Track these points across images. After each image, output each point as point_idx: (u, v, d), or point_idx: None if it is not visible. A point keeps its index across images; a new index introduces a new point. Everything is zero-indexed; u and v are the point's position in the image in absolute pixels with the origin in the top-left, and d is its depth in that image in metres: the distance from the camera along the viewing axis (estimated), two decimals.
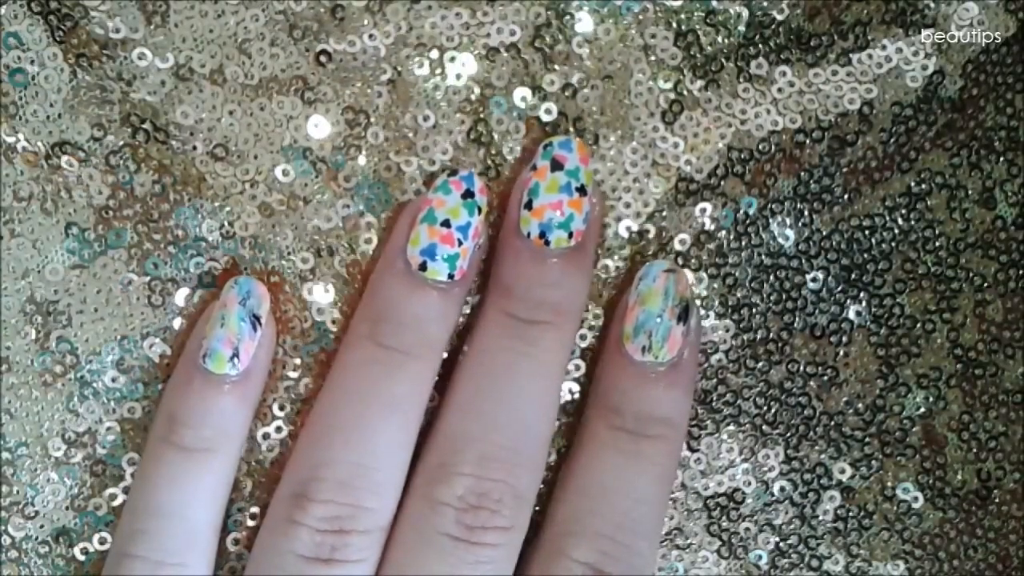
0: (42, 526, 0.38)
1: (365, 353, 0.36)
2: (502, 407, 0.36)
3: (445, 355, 0.38)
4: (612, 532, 0.36)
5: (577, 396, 0.39)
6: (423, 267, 0.36)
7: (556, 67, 0.38)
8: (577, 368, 0.39)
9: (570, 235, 0.36)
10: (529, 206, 0.36)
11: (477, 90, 0.38)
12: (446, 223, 0.36)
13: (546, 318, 0.36)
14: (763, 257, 0.39)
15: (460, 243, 0.36)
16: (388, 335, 0.36)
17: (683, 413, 0.37)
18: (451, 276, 0.36)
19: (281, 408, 0.38)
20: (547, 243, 0.36)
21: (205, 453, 0.36)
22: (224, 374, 0.36)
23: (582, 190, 0.36)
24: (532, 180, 0.36)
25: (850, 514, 0.39)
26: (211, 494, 0.36)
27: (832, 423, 0.39)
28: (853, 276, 0.39)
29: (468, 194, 0.36)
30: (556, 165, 0.36)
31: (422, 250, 0.36)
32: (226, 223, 0.38)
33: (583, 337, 0.39)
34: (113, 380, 0.38)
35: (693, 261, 0.39)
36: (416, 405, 0.36)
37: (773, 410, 0.39)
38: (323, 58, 0.38)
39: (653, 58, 0.38)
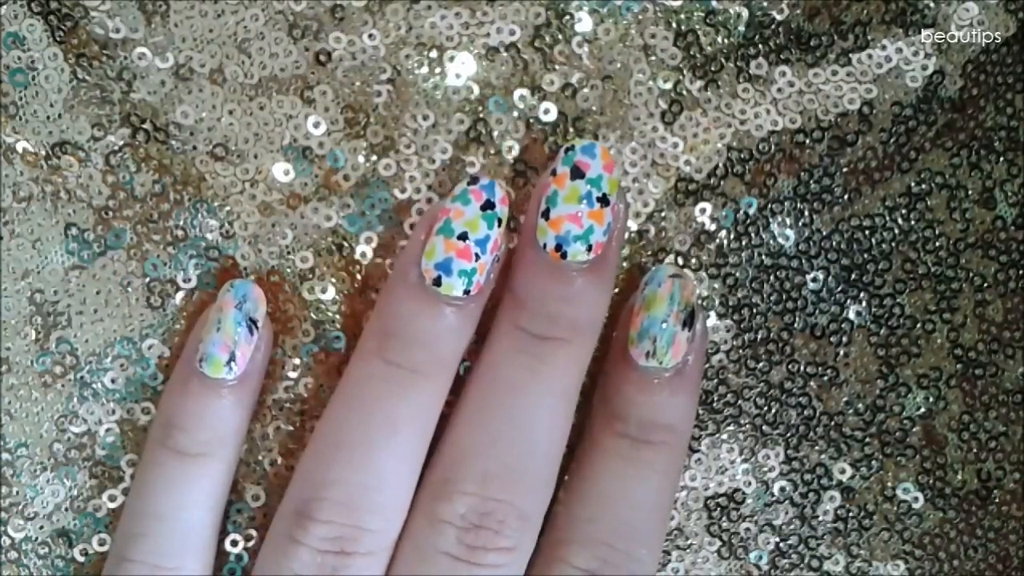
0: (42, 527, 0.38)
1: (373, 369, 0.35)
2: (508, 424, 0.35)
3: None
4: (612, 539, 0.35)
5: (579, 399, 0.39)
6: (437, 282, 0.34)
7: (556, 67, 0.38)
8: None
9: (589, 248, 0.34)
10: (546, 215, 0.34)
11: (476, 90, 0.38)
12: (463, 236, 0.34)
13: (560, 334, 0.35)
14: (763, 257, 0.39)
15: (477, 257, 0.34)
16: (397, 352, 0.35)
17: (687, 420, 0.37)
18: (467, 292, 0.34)
19: (280, 409, 0.38)
20: (564, 256, 0.34)
21: (202, 457, 0.36)
22: (221, 378, 0.35)
23: (604, 200, 0.34)
24: (551, 187, 0.35)
25: (850, 514, 0.39)
26: (208, 498, 0.36)
27: (832, 423, 0.39)
28: (853, 276, 0.39)
29: (488, 205, 0.35)
30: (577, 172, 0.34)
31: (437, 264, 0.34)
32: (226, 223, 0.38)
33: None
34: (113, 381, 0.38)
35: (693, 261, 0.39)
36: (424, 424, 0.35)
37: (773, 410, 0.39)
38: (323, 58, 0.38)
39: (653, 58, 0.38)
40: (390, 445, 0.35)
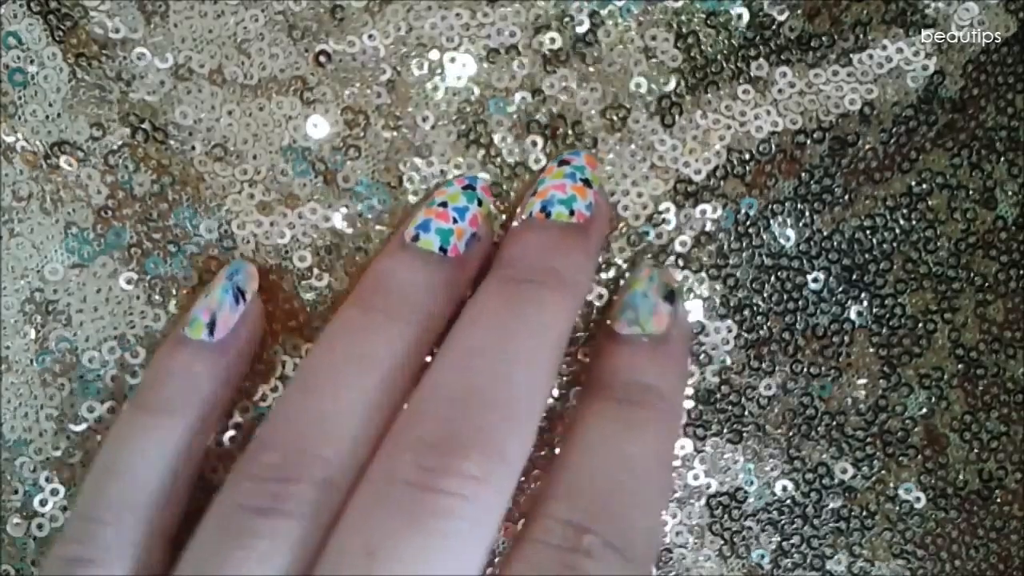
0: (40, 526, 0.38)
1: (348, 316, 0.35)
2: (486, 360, 0.33)
3: None
4: (599, 494, 0.32)
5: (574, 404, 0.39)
6: (415, 239, 0.35)
7: (556, 69, 0.38)
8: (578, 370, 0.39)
9: (571, 212, 0.36)
10: (535, 193, 0.36)
11: (477, 91, 0.38)
12: (443, 204, 0.36)
13: (543, 279, 0.34)
14: (764, 258, 0.39)
15: (455, 221, 0.36)
16: (372, 299, 0.35)
17: (672, 388, 0.36)
18: (443, 250, 0.35)
19: None
20: (548, 215, 0.36)
21: (162, 413, 0.35)
22: (199, 340, 0.35)
23: (587, 183, 0.36)
24: (540, 176, 0.37)
25: (852, 514, 0.39)
26: (163, 454, 0.34)
27: (834, 423, 0.39)
28: (854, 276, 0.39)
29: (469, 187, 0.37)
30: (562, 163, 0.37)
31: (417, 225, 0.36)
32: (225, 223, 0.38)
33: (580, 339, 0.39)
34: (113, 380, 0.38)
35: (694, 262, 0.39)
36: (396, 367, 0.34)
37: (775, 410, 0.39)
38: (322, 58, 0.38)
39: (653, 60, 0.38)
40: (359, 381, 0.33)
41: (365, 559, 0.29)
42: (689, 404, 0.39)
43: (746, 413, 0.39)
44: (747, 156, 0.39)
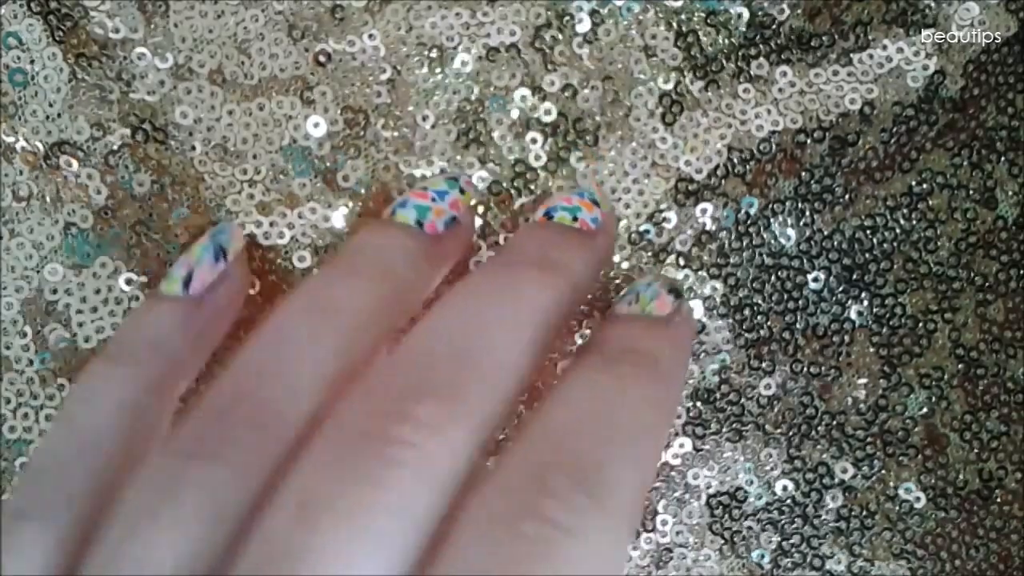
0: None
1: (314, 274, 0.33)
2: (458, 324, 0.30)
3: None
4: (572, 435, 0.29)
5: None
6: (393, 215, 0.34)
7: (556, 67, 0.38)
8: None
9: (575, 219, 0.35)
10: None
11: (477, 90, 0.38)
12: (424, 188, 0.35)
13: (536, 264, 0.32)
14: (764, 257, 0.39)
15: (434, 200, 0.35)
16: (343, 259, 0.33)
17: (668, 357, 0.32)
18: (419, 223, 0.34)
19: None
20: (550, 219, 0.35)
21: (119, 363, 0.32)
22: (173, 295, 0.34)
23: (595, 203, 0.35)
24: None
25: (852, 514, 0.39)
26: (113, 405, 0.31)
27: (834, 423, 0.39)
28: (855, 276, 0.39)
29: (453, 179, 0.36)
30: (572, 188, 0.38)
31: (395, 204, 0.35)
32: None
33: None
34: None
35: (694, 262, 0.39)
36: (354, 320, 0.31)
37: (775, 409, 0.39)
38: (322, 58, 0.38)
39: (653, 59, 0.38)
40: (303, 325, 0.31)
41: (296, 511, 0.26)
42: (689, 403, 0.39)
43: (746, 412, 0.39)
44: (747, 155, 0.38)
